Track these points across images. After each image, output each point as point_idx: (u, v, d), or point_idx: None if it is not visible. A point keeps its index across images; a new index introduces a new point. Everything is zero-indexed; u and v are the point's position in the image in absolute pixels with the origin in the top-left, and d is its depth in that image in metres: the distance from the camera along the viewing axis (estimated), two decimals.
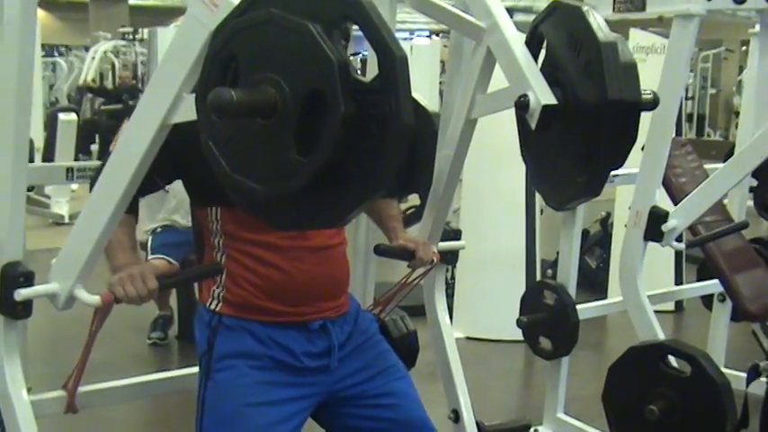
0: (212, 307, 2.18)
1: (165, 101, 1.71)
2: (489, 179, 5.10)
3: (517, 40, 2.15)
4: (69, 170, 2.47)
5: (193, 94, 1.62)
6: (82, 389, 2.12)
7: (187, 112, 1.67)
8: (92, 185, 2.07)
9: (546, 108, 1.99)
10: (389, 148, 1.46)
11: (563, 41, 2.12)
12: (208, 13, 1.61)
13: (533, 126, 2.01)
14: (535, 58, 2.17)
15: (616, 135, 2.01)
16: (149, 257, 4.71)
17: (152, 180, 2.01)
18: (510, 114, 2.16)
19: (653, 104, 2.07)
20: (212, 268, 2.13)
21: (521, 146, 2.47)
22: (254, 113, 1.44)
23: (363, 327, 2.31)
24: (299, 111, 1.44)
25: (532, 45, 2.20)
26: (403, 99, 1.44)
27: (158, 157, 1.86)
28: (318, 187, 1.49)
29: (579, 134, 2.08)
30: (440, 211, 2.59)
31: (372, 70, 1.47)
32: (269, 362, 2.14)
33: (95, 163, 2.52)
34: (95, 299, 1.93)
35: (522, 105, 2.00)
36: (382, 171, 1.48)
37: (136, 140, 1.80)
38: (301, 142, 1.45)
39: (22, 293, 1.96)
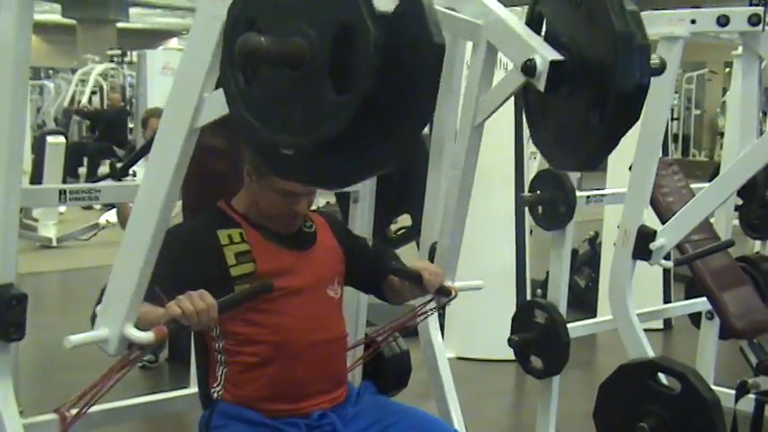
0: (213, 396, 2.25)
1: (190, 104, 1.69)
2: (479, 200, 5.10)
3: (516, 21, 2.15)
4: (62, 192, 2.42)
5: (217, 90, 1.61)
6: (72, 411, 2.12)
7: (214, 110, 1.65)
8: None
9: (554, 65, 1.95)
10: (425, 71, 1.43)
11: (562, 6, 2.08)
12: (219, 3, 1.59)
13: (542, 86, 1.97)
14: None
15: (627, 84, 1.90)
16: None
17: (156, 292, 1.96)
18: (499, 137, 2.17)
19: (661, 68, 2.02)
20: (263, 286, 2.03)
21: (526, 117, 2.38)
22: (283, 61, 1.42)
23: (363, 402, 2.35)
24: (329, 51, 1.40)
25: (532, 27, 2.18)
26: (430, 17, 1.41)
27: (167, 267, 1.88)
28: (359, 130, 1.44)
29: (589, 93, 1.98)
30: (454, 238, 2.59)
31: None
32: (272, 430, 2.19)
33: (88, 185, 2.51)
34: (149, 335, 1.84)
35: (528, 69, 1.97)
36: (421, 97, 1.45)
37: (166, 152, 1.76)
38: (337, 84, 1.41)
39: (72, 341, 1.84)
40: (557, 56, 1.97)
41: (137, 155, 4.74)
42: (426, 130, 2.88)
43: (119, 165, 5.28)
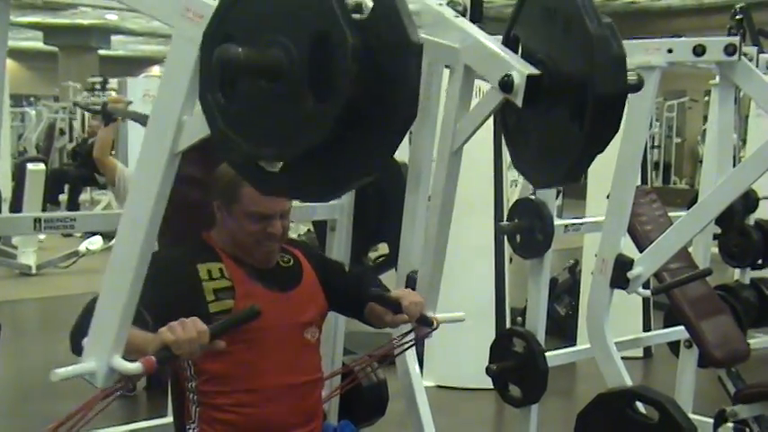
0: None
1: (170, 128, 1.66)
2: (458, 228, 5.10)
3: (493, 41, 2.17)
4: (37, 221, 2.40)
5: (196, 113, 1.60)
6: None
7: (193, 132, 1.63)
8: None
9: (530, 79, 1.97)
10: (405, 72, 1.43)
11: (537, 21, 2.09)
12: (194, 27, 1.57)
13: (520, 102, 1.98)
14: None
15: (606, 89, 1.91)
16: None
17: (142, 313, 1.91)
18: (478, 166, 2.17)
19: (638, 86, 2.04)
20: (250, 313, 1.94)
21: (506, 139, 2.39)
22: (261, 71, 1.42)
23: None
24: (307, 60, 1.40)
25: (509, 48, 2.19)
26: (405, 17, 1.42)
27: (148, 292, 1.83)
28: (342, 139, 1.44)
29: (568, 105, 2.00)
30: (435, 267, 2.58)
31: None
32: None
33: (64, 213, 2.49)
34: (137, 367, 1.77)
35: (506, 85, 1.98)
36: (403, 101, 1.44)
37: (148, 178, 1.72)
38: (317, 93, 1.41)
39: (58, 374, 1.75)
40: (533, 70, 1.99)
41: (138, 116, 4.73)
42: (404, 158, 2.89)
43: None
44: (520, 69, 1.98)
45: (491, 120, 5.36)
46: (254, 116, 1.49)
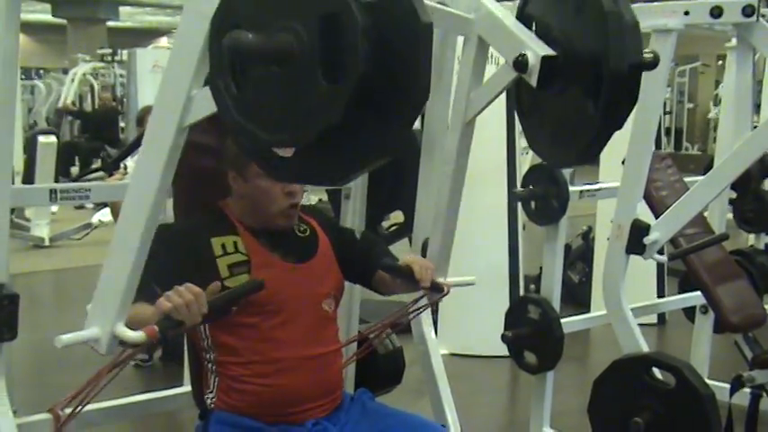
0: (208, 403, 2.24)
1: (178, 103, 1.67)
2: (471, 196, 5.09)
3: (507, 15, 2.14)
4: (53, 191, 2.40)
5: (205, 88, 1.59)
6: (66, 411, 2.10)
7: (202, 108, 1.63)
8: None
9: (545, 60, 1.94)
10: (415, 51, 1.41)
11: (550, 3, 2.06)
12: (207, 1, 1.55)
13: (534, 82, 1.95)
14: None
15: (620, 65, 1.87)
16: None
17: (151, 286, 1.91)
18: (491, 133, 2.14)
19: (653, 63, 2.01)
20: (253, 285, 1.98)
21: (519, 116, 2.35)
22: (272, 57, 1.41)
23: (357, 409, 2.33)
24: (318, 43, 1.39)
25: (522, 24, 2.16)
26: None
27: (158, 266, 1.85)
28: (356, 120, 1.42)
29: (583, 84, 1.96)
30: (445, 235, 2.57)
31: None
32: None
33: (78, 184, 2.49)
34: (139, 335, 1.76)
35: (520, 65, 1.96)
36: (415, 79, 1.42)
37: (155, 150, 1.73)
38: (329, 75, 1.39)
39: (62, 340, 1.78)
40: (549, 51, 1.96)
41: (128, 148, 4.74)
42: (418, 126, 2.87)
43: (110, 158, 5.28)
44: (535, 50, 1.95)
45: None
46: (267, 103, 1.47)
